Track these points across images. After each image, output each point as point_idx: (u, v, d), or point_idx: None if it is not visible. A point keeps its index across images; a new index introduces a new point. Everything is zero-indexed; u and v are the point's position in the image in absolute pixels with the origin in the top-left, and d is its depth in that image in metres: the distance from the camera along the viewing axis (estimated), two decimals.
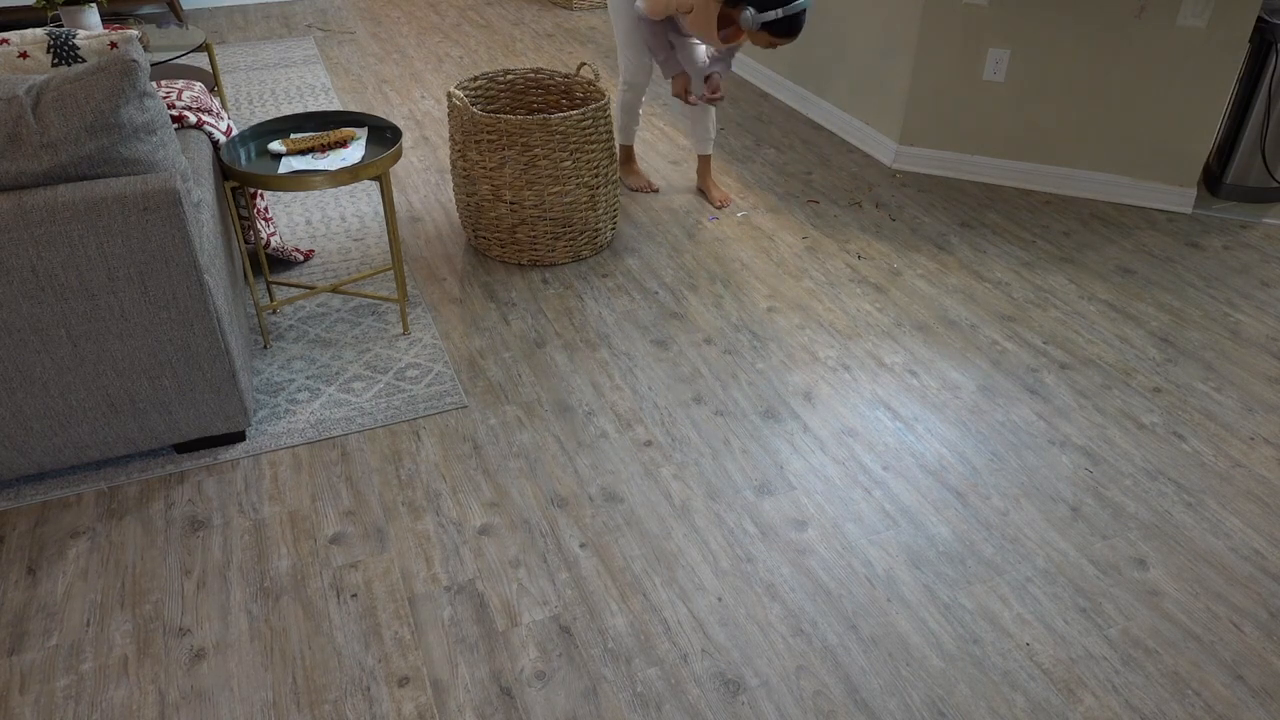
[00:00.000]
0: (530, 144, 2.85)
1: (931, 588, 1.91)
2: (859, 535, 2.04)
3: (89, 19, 3.40)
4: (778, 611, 1.86)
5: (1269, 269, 3.13)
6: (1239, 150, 3.53)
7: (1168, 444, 2.33)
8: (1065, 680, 1.73)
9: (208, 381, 2.11)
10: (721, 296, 2.94)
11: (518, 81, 3.30)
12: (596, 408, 2.43)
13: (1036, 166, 3.66)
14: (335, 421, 2.36)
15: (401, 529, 2.05)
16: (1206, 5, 3.14)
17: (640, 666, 1.74)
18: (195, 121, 2.41)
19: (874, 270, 3.09)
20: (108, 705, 1.66)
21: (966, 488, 2.18)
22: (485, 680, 1.72)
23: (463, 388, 2.50)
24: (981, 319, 2.83)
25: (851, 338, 2.73)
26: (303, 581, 1.91)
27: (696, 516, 2.09)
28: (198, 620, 1.83)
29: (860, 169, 3.86)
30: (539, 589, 1.90)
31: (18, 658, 1.75)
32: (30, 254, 1.82)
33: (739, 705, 1.67)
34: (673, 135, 4.15)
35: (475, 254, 3.16)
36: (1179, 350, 2.70)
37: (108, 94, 1.80)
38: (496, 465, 2.23)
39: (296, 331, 2.71)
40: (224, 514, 2.08)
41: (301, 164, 2.39)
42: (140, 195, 1.85)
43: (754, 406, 2.44)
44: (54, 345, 1.93)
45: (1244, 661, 1.77)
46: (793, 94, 4.53)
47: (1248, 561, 1.99)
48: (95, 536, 2.02)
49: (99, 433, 2.07)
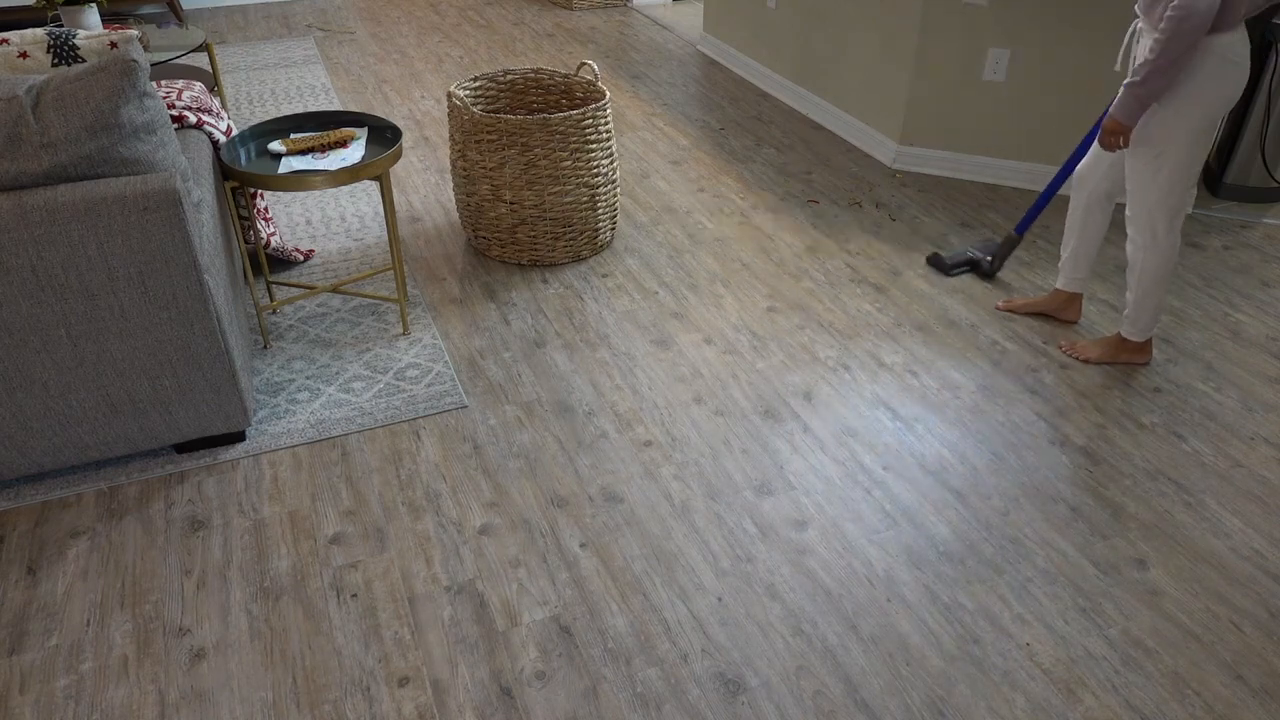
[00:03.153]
0: (530, 144, 2.85)
1: (931, 588, 1.91)
2: (859, 535, 2.04)
3: (89, 19, 3.40)
4: (778, 611, 1.86)
5: (1269, 269, 3.13)
6: (1239, 150, 3.53)
7: (1168, 444, 2.33)
8: (1065, 680, 1.73)
9: (208, 381, 2.11)
10: (721, 296, 2.93)
11: (518, 81, 3.30)
12: (596, 408, 2.43)
13: (1036, 166, 3.66)
14: (335, 421, 2.36)
15: (401, 529, 2.05)
16: None
17: (640, 666, 1.74)
18: (195, 121, 2.41)
19: (874, 270, 3.09)
20: (108, 705, 1.66)
21: (966, 488, 2.18)
22: (485, 680, 1.72)
23: (463, 388, 2.50)
24: (981, 319, 2.83)
25: (851, 338, 2.73)
26: (303, 581, 1.91)
27: (696, 516, 2.09)
28: (198, 620, 1.83)
29: (860, 169, 3.86)
30: (539, 589, 1.90)
31: (18, 658, 1.75)
32: (30, 254, 1.82)
33: (739, 705, 1.67)
34: (673, 136, 4.15)
35: (475, 254, 3.16)
36: (1179, 350, 2.70)
37: (108, 94, 1.80)
38: (496, 465, 2.23)
39: (296, 331, 2.71)
40: (224, 514, 2.08)
41: (301, 164, 2.39)
42: (140, 195, 1.85)
43: (754, 406, 2.44)
44: (54, 345, 1.93)
45: (1244, 661, 1.77)
46: (793, 94, 4.53)
47: (1248, 561, 1.99)
48: (95, 536, 2.02)
49: (99, 433, 2.07)
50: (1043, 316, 2.85)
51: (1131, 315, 2.55)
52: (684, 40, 5.61)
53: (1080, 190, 2.60)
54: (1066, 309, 2.80)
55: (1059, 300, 2.80)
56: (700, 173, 3.79)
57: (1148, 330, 2.55)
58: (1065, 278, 2.75)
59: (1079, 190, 2.60)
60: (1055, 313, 2.82)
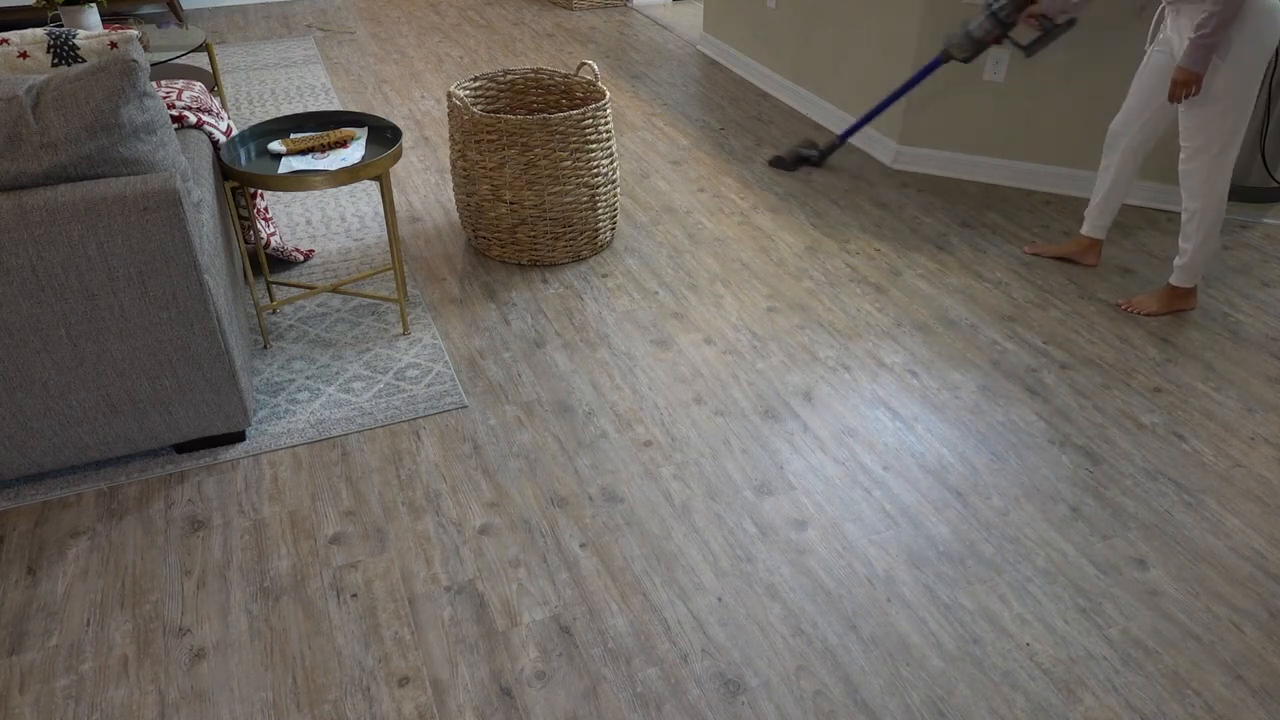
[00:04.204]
0: (530, 144, 2.85)
1: (931, 588, 1.91)
2: (859, 535, 2.04)
3: (89, 19, 3.40)
4: (778, 611, 1.86)
5: (1269, 269, 3.13)
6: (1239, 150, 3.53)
7: (1168, 444, 2.33)
8: (1065, 680, 1.73)
9: (208, 381, 2.11)
10: (721, 296, 2.93)
11: (518, 81, 3.30)
12: (596, 408, 2.43)
13: (1036, 166, 3.66)
14: (335, 421, 2.36)
15: (401, 529, 2.05)
16: None
17: (640, 666, 1.74)
18: (195, 121, 2.41)
19: (874, 270, 3.09)
20: (108, 705, 1.66)
21: (966, 488, 2.18)
22: (485, 680, 1.72)
23: (463, 388, 2.50)
24: (981, 319, 2.83)
25: (851, 338, 2.73)
26: (303, 581, 1.91)
27: (696, 516, 2.09)
28: (198, 620, 1.83)
29: (860, 169, 3.86)
30: (539, 589, 1.90)
31: (18, 658, 1.75)
32: (30, 254, 1.82)
33: (739, 705, 1.67)
34: (673, 136, 4.15)
35: (475, 254, 3.16)
36: (1179, 350, 2.70)
37: (108, 94, 1.80)
38: (496, 465, 2.23)
39: (296, 331, 2.71)
40: (224, 514, 2.08)
41: (301, 164, 2.39)
42: (140, 195, 1.85)
43: (754, 406, 2.44)
44: (54, 345, 1.93)
45: (1244, 661, 1.77)
46: (793, 94, 4.53)
47: (1248, 561, 1.99)
48: (95, 536, 2.02)
49: (99, 433, 2.07)
50: (1067, 263, 3.13)
51: (1188, 264, 2.78)
52: (684, 40, 5.61)
53: (1114, 146, 2.87)
54: (1088, 254, 3.09)
55: (1082, 246, 3.09)
56: (700, 173, 3.79)
57: (1199, 275, 2.81)
58: (1090, 225, 3.04)
59: (1112, 146, 2.87)
60: (1078, 258, 3.12)
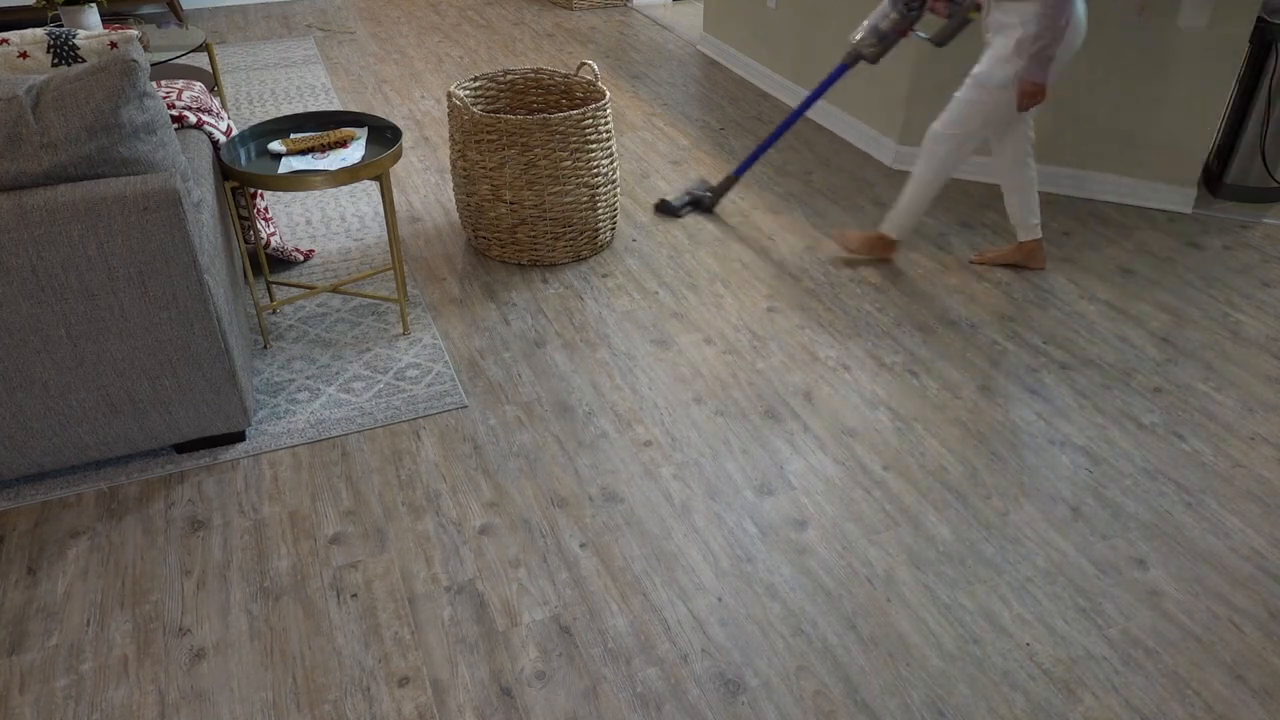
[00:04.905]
0: (530, 144, 2.85)
1: (931, 588, 1.91)
2: (859, 535, 2.04)
3: (89, 19, 3.40)
4: (778, 611, 1.86)
5: (1269, 269, 3.13)
6: (1239, 150, 3.53)
7: (1168, 444, 2.33)
8: (1065, 680, 1.73)
9: (208, 381, 2.11)
10: (721, 296, 2.93)
11: (518, 81, 3.30)
12: (596, 408, 2.43)
13: (1037, 166, 3.66)
14: (335, 421, 2.36)
15: (401, 529, 2.05)
16: (1206, 5, 3.14)
17: (640, 666, 1.74)
18: (195, 121, 2.41)
19: (874, 270, 3.09)
20: (108, 705, 1.66)
21: (966, 488, 2.18)
22: (485, 680, 1.72)
23: (463, 388, 2.50)
24: (981, 319, 2.83)
25: (851, 338, 2.73)
26: (303, 581, 1.91)
27: (696, 516, 2.09)
28: (198, 620, 1.83)
29: (860, 169, 3.86)
30: (539, 589, 1.90)
31: (18, 658, 1.75)
32: (30, 254, 1.82)
33: (739, 705, 1.67)
34: (673, 136, 4.15)
35: (475, 254, 3.16)
36: (1179, 350, 2.70)
37: (108, 94, 1.80)
38: (496, 465, 2.23)
39: (296, 331, 2.71)
40: (224, 514, 2.08)
41: (301, 164, 2.39)
42: (140, 195, 1.85)
43: (754, 406, 2.44)
44: (54, 345, 1.93)
45: (1244, 661, 1.77)
46: (793, 94, 4.53)
47: (1248, 561, 1.99)
48: (95, 536, 2.02)
49: (99, 433, 2.07)
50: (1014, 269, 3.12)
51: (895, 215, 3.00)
52: (684, 40, 5.61)
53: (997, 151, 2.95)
54: (1032, 258, 3.09)
55: (1024, 251, 3.09)
56: (700, 173, 3.78)
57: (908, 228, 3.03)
58: (1023, 229, 3.05)
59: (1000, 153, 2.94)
60: (1024, 262, 3.11)
